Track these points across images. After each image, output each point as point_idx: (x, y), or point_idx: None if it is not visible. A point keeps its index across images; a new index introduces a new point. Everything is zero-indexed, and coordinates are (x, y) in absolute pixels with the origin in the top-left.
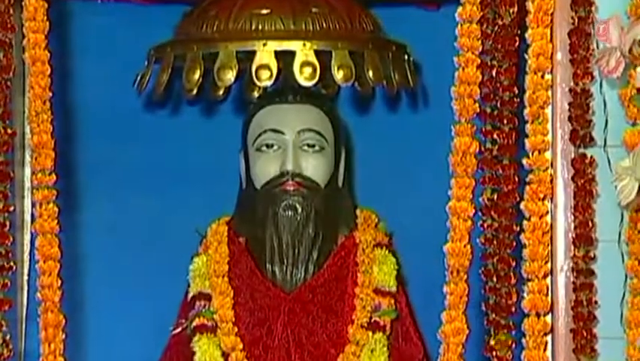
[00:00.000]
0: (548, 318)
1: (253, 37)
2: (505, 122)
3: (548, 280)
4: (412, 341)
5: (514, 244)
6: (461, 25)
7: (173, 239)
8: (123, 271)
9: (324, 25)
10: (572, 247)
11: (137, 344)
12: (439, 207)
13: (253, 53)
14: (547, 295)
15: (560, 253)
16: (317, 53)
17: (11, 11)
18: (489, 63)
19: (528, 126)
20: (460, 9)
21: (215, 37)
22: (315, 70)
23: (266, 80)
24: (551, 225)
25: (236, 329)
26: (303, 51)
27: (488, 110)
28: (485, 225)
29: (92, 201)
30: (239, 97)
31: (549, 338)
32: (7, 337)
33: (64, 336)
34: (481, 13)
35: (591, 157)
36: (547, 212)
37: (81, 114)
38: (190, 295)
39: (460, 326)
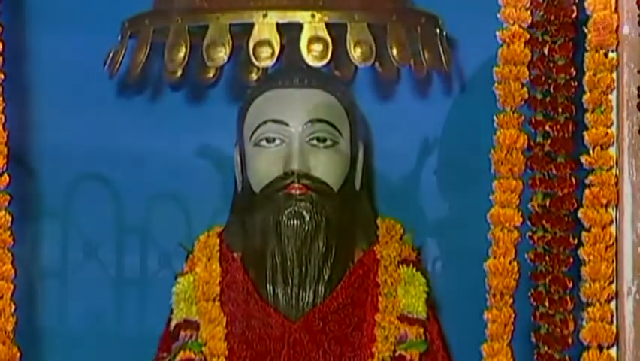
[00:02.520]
0: (613, 351)
1: (251, 6)
2: (560, 110)
3: (613, 304)
4: None
5: (571, 260)
6: None
7: (152, 254)
8: (91, 295)
9: None
10: None
11: None
12: (478, 216)
13: (251, 26)
14: (611, 323)
15: (627, 272)
16: (329, 26)
17: None
18: (540, 39)
19: (588, 116)
20: None
21: (204, 6)
22: (326, 47)
23: (266, 59)
24: (616, 237)
25: None
26: (312, 24)
27: (539, 96)
28: (535, 237)
29: (53, 208)
30: (233, 80)
31: None
32: None
33: None
34: None
35: None
36: (612, 221)
37: (40, 101)
38: (173, 323)
39: None
